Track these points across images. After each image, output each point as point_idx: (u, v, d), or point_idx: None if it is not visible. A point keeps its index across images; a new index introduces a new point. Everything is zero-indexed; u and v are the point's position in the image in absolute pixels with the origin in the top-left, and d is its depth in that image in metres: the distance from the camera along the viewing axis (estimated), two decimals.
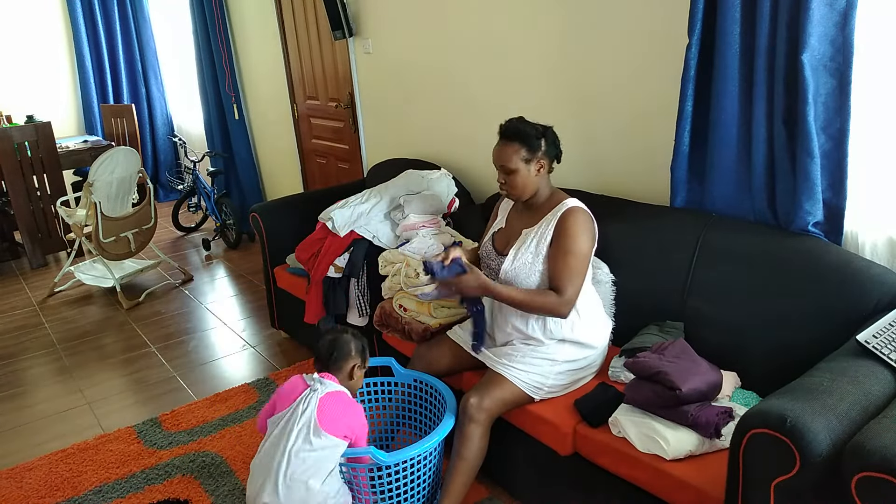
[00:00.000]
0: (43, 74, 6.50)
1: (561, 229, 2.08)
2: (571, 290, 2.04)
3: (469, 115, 3.32)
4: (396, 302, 2.58)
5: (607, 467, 1.90)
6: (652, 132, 2.48)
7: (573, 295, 2.04)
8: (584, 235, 2.08)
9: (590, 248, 2.11)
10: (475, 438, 2.05)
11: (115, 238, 4.27)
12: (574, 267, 2.04)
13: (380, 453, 1.92)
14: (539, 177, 2.13)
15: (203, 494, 2.43)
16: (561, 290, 2.03)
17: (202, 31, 5.26)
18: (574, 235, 2.06)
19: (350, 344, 2.07)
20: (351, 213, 3.00)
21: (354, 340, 2.09)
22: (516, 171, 2.09)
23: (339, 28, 3.82)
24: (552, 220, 2.11)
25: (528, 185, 2.12)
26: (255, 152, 5.56)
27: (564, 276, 2.04)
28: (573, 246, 2.05)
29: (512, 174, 2.10)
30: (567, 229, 2.07)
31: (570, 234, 2.06)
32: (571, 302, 2.05)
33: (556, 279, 2.05)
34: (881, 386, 1.54)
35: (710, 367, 1.92)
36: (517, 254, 2.14)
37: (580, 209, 2.12)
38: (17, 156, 4.92)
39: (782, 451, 1.40)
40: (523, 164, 2.09)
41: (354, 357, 2.07)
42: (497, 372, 2.12)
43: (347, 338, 2.08)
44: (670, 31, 2.29)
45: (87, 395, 3.23)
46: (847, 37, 1.84)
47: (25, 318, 4.22)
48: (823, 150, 1.94)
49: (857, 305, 1.84)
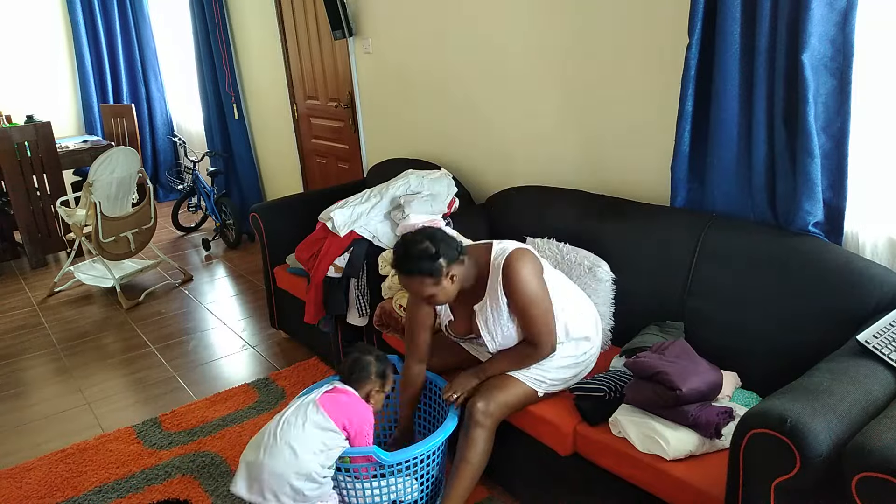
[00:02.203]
0: (43, 74, 6.49)
1: (509, 290, 2.03)
2: (545, 333, 2.04)
3: (469, 114, 3.32)
4: (396, 302, 2.58)
5: (607, 467, 1.90)
6: (652, 132, 2.48)
7: (549, 335, 2.05)
8: (531, 280, 2.02)
9: (540, 282, 2.04)
10: (480, 443, 2.05)
11: (115, 238, 4.27)
12: (539, 315, 2.03)
13: (382, 453, 1.92)
14: (457, 280, 2.04)
15: (203, 494, 2.43)
16: (539, 343, 2.05)
17: (202, 31, 5.26)
18: (524, 290, 2.01)
19: (370, 367, 2.06)
20: (351, 213, 3.00)
21: (376, 364, 2.07)
22: (434, 295, 2.01)
23: (339, 28, 3.82)
24: (497, 285, 2.05)
25: (451, 293, 2.04)
26: (255, 152, 5.55)
27: (533, 328, 2.04)
28: (528, 296, 2.01)
29: (431, 298, 2.02)
30: (513, 286, 2.01)
31: (519, 291, 2.01)
32: (551, 343, 2.06)
33: (531, 335, 2.06)
34: (881, 386, 1.54)
35: (711, 367, 1.92)
36: (490, 329, 2.10)
37: (513, 255, 2.04)
38: (17, 156, 4.92)
39: (782, 451, 1.40)
40: (435, 287, 1.99)
41: (373, 381, 2.06)
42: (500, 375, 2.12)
43: (369, 360, 2.07)
44: (670, 31, 2.29)
45: (87, 395, 3.23)
46: (847, 37, 1.84)
47: (25, 318, 4.22)
48: (824, 150, 1.94)
49: (858, 305, 1.84)
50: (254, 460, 1.88)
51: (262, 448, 1.88)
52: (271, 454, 1.86)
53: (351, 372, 2.05)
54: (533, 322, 2.03)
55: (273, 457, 1.86)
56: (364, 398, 2.04)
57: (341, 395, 1.99)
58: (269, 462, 1.85)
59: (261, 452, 1.88)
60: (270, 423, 1.97)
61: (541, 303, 2.03)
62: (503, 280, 2.03)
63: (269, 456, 1.86)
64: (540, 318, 2.03)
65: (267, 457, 1.86)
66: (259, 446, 1.91)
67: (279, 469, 1.85)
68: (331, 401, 1.95)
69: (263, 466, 1.85)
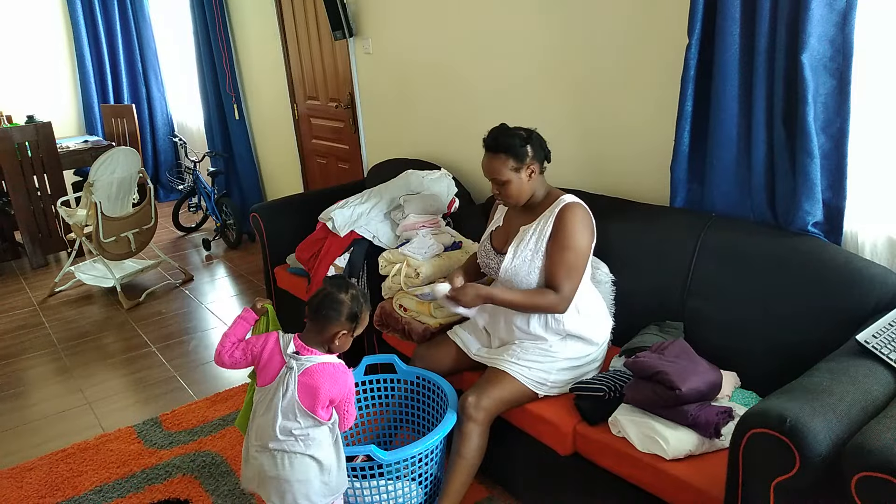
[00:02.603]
0: (43, 74, 6.50)
1: (559, 225, 2.08)
2: (569, 286, 2.05)
3: (469, 114, 3.32)
4: (396, 302, 2.58)
5: (607, 467, 1.90)
6: (652, 132, 2.48)
7: (570, 292, 2.05)
8: (583, 231, 2.08)
9: (589, 243, 2.11)
10: (474, 437, 2.05)
11: (116, 238, 4.27)
12: (572, 263, 2.05)
13: (380, 451, 1.92)
14: (532, 181, 2.13)
15: (203, 494, 2.43)
16: (558, 287, 2.04)
17: (202, 31, 5.26)
18: (572, 231, 2.06)
19: (342, 308, 1.79)
20: (351, 213, 3.00)
21: (351, 303, 1.81)
22: (509, 182, 2.09)
23: (339, 28, 3.82)
24: (550, 216, 2.12)
25: (523, 191, 2.12)
26: (256, 152, 5.56)
27: (562, 272, 2.05)
28: (571, 241, 2.05)
29: (505, 185, 2.10)
30: (565, 225, 2.07)
31: (568, 229, 2.07)
32: (568, 299, 2.06)
33: (554, 276, 2.06)
34: (881, 386, 1.54)
35: (710, 366, 1.92)
36: (516, 251, 2.14)
37: (578, 205, 2.12)
38: (17, 156, 4.92)
39: (782, 451, 1.40)
40: (514, 174, 2.08)
41: (342, 323, 1.80)
42: (496, 370, 2.12)
43: (343, 298, 1.80)
44: (670, 31, 2.29)
45: (88, 394, 3.23)
46: (847, 37, 1.84)
47: (26, 318, 4.22)
48: (823, 150, 1.94)
49: (857, 305, 1.85)
50: (276, 475, 1.78)
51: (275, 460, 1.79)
52: (291, 466, 1.78)
53: (319, 308, 1.80)
54: (563, 266, 2.05)
55: (293, 467, 1.79)
56: (329, 339, 1.81)
57: (310, 374, 1.79)
58: (290, 474, 1.79)
59: (277, 466, 1.78)
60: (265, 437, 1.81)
61: (580, 253, 2.06)
62: (558, 217, 2.09)
63: (291, 468, 1.79)
64: (571, 265, 2.05)
65: (285, 468, 1.79)
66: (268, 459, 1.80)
67: (303, 476, 1.79)
68: (308, 390, 1.78)
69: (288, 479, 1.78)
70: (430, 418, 2.33)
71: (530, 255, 2.11)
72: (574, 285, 2.06)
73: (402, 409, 2.39)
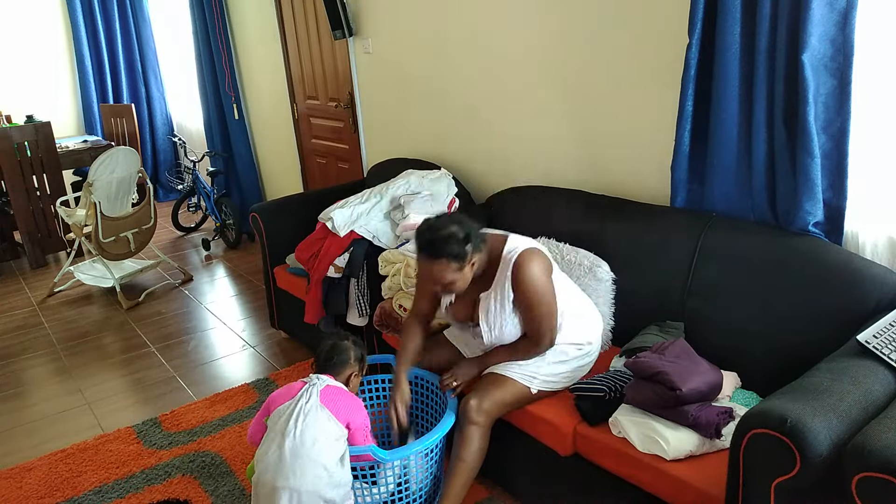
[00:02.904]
0: (43, 74, 6.49)
1: (518, 286, 2.03)
2: (546, 331, 2.06)
3: (469, 114, 3.32)
4: (396, 302, 2.58)
5: (607, 467, 1.90)
6: (652, 132, 2.48)
7: (551, 332, 2.07)
8: (541, 277, 2.03)
9: (548, 282, 2.05)
10: (475, 440, 2.05)
11: (115, 238, 4.27)
12: (544, 312, 2.04)
13: (380, 451, 1.92)
14: (476, 267, 2.03)
15: (203, 494, 2.43)
16: (537, 341, 2.07)
17: (202, 31, 5.26)
18: (532, 286, 2.01)
19: (349, 352, 2.07)
20: (351, 213, 3.00)
21: (354, 348, 2.09)
22: (454, 282, 1.99)
23: (339, 28, 3.82)
24: (505, 280, 2.05)
25: (468, 279, 2.03)
26: (255, 152, 5.55)
27: (535, 325, 2.06)
28: (535, 296, 2.02)
29: (450, 284, 2.00)
30: (523, 283, 2.01)
31: (528, 286, 2.01)
32: (551, 340, 2.08)
33: (533, 332, 2.07)
34: (881, 386, 1.54)
35: (711, 367, 1.92)
36: (490, 321, 2.10)
37: (526, 253, 2.04)
38: (16, 156, 4.92)
39: (783, 451, 1.40)
40: (458, 273, 1.98)
41: (353, 365, 2.07)
42: (494, 374, 2.13)
43: (347, 345, 2.07)
44: (670, 31, 2.29)
45: (87, 395, 3.23)
46: (847, 37, 1.84)
47: (25, 318, 4.22)
48: (824, 150, 1.94)
49: (858, 305, 1.84)
50: (285, 485, 1.80)
51: (287, 469, 1.81)
52: (302, 473, 1.80)
53: (329, 358, 2.04)
54: (536, 319, 2.04)
55: (304, 475, 1.80)
56: (344, 383, 2.03)
57: (333, 390, 1.95)
58: (300, 483, 1.80)
59: (289, 475, 1.81)
60: (275, 437, 1.87)
61: (546, 302, 2.04)
62: (512, 275, 2.04)
63: (300, 476, 1.80)
64: (544, 316, 2.04)
65: (297, 479, 1.80)
66: (280, 466, 1.82)
67: (311, 487, 1.80)
68: (330, 400, 1.92)
69: (299, 488, 1.80)
70: (430, 418, 2.33)
71: (507, 317, 2.08)
72: (552, 326, 2.06)
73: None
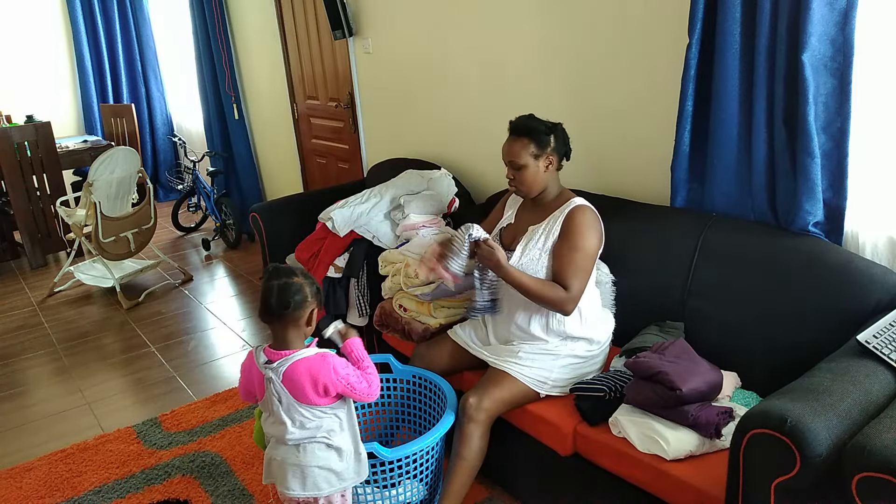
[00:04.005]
0: (43, 74, 6.49)
1: (568, 226, 2.09)
2: (577, 286, 2.04)
3: (469, 114, 3.32)
4: (396, 302, 2.58)
5: (607, 467, 1.90)
6: (652, 132, 2.48)
7: (578, 292, 2.05)
8: (592, 234, 2.09)
9: (597, 246, 2.11)
10: (474, 438, 2.05)
11: (115, 238, 4.27)
12: (580, 264, 2.05)
13: (382, 449, 1.93)
14: (548, 173, 2.13)
15: (203, 494, 2.43)
16: (567, 287, 2.04)
17: (202, 31, 5.26)
18: (581, 233, 2.07)
19: (304, 288, 1.76)
20: (351, 213, 3.00)
21: (307, 280, 1.79)
22: (525, 167, 2.10)
23: (339, 28, 3.82)
24: (560, 216, 2.12)
25: (538, 181, 2.13)
26: (255, 152, 5.55)
27: (570, 272, 2.04)
28: (580, 243, 2.06)
29: (521, 170, 2.11)
30: (575, 227, 2.08)
31: (577, 231, 2.07)
32: (576, 299, 2.05)
33: (563, 274, 2.05)
34: (881, 386, 1.54)
35: (711, 367, 1.92)
36: (525, 249, 2.14)
37: (588, 208, 2.13)
38: (16, 156, 4.92)
39: (783, 451, 1.40)
40: (532, 160, 2.09)
41: (311, 302, 1.77)
42: (497, 370, 2.12)
43: (299, 281, 1.77)
44: (670, 31, 2.29)
45: (87, 395, 3.23)
46: (847, 37, 1.84)
47: (25, 318, 4.22)
48: (824, 150, 1.94)
49: (858, 305, 1.84)
50: (297, 462, 1.80)
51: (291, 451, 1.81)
52: (304, 452, 1.80)
53: (285, 302, 1.73)
54: (572, 266, 2.04)
55: (314, 455, 1.80)
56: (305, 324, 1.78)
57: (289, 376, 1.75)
58: (308, 459, 1.80)
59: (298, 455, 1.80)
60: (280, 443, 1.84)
61: (588, 255, 2.07)
62: (566, 220, 2.10)
63: (307, 454, 1.80)
64: (580, 266, 2.05)
65: (303, 456, 1.80)
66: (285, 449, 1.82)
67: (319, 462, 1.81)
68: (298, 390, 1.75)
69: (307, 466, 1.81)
70: (430, 419, 2.33)
71: (538, 253, 2.11)
72: (582, 286, 2.06)
73: (400, 409, 2.39)
